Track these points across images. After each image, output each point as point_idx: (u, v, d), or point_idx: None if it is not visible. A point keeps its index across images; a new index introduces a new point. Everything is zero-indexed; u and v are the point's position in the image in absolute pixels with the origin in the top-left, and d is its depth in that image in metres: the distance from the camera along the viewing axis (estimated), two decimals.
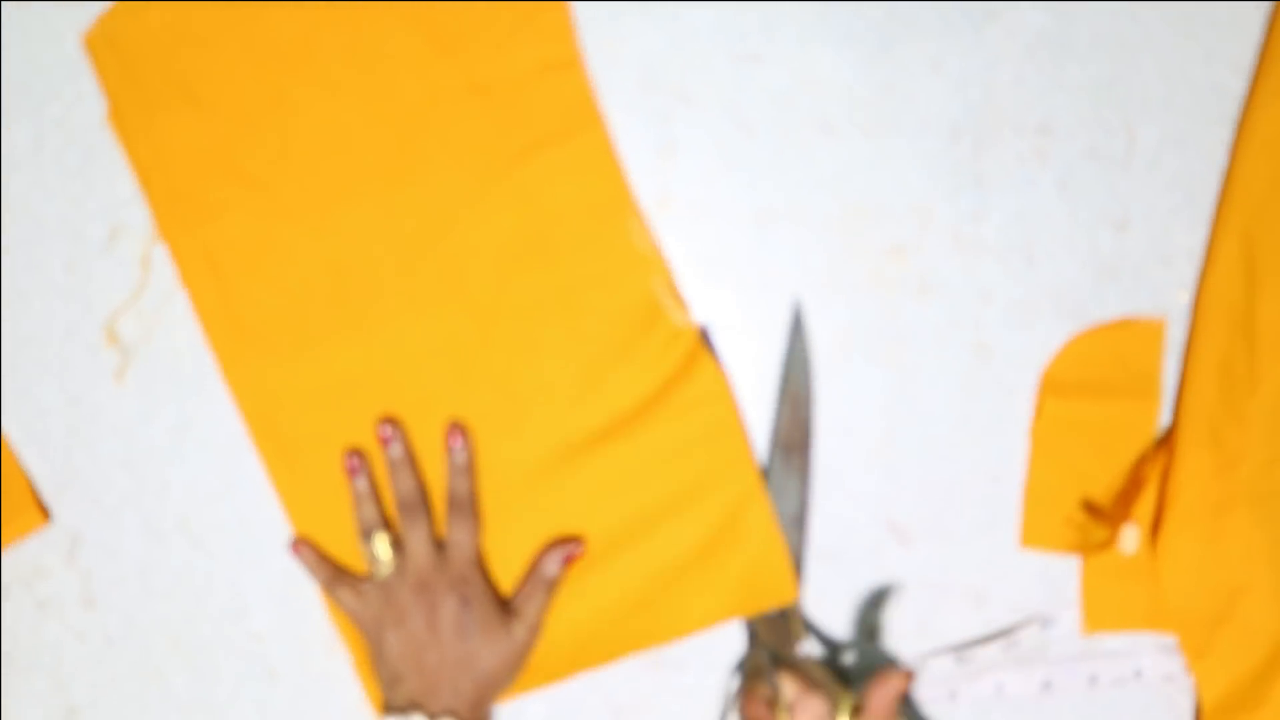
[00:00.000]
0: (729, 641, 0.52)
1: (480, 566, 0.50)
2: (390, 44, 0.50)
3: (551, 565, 0.49)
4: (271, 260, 0.51)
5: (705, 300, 0.52)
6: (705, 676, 0.53)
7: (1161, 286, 0.52)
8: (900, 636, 0.52)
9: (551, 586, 0.50)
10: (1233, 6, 0.52)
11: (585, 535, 0.51)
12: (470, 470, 0.50)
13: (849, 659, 0.52)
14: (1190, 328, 0.52)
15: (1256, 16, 0.52)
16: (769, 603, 0.50)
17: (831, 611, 0.52)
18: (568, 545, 0.50)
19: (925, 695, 0.52)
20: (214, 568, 0.52)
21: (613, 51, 0.51)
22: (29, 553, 0.52)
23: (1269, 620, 0.51)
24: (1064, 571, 0.52)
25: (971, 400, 0.52)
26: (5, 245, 0.51)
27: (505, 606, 0.50)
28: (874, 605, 0.53)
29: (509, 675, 0.49)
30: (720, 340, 0.52)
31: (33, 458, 0.51)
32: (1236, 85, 0.52)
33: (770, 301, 0.52)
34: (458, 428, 0.50)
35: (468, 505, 0.49)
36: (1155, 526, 0.51)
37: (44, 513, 0.51)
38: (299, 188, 0.51)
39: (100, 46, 0.50)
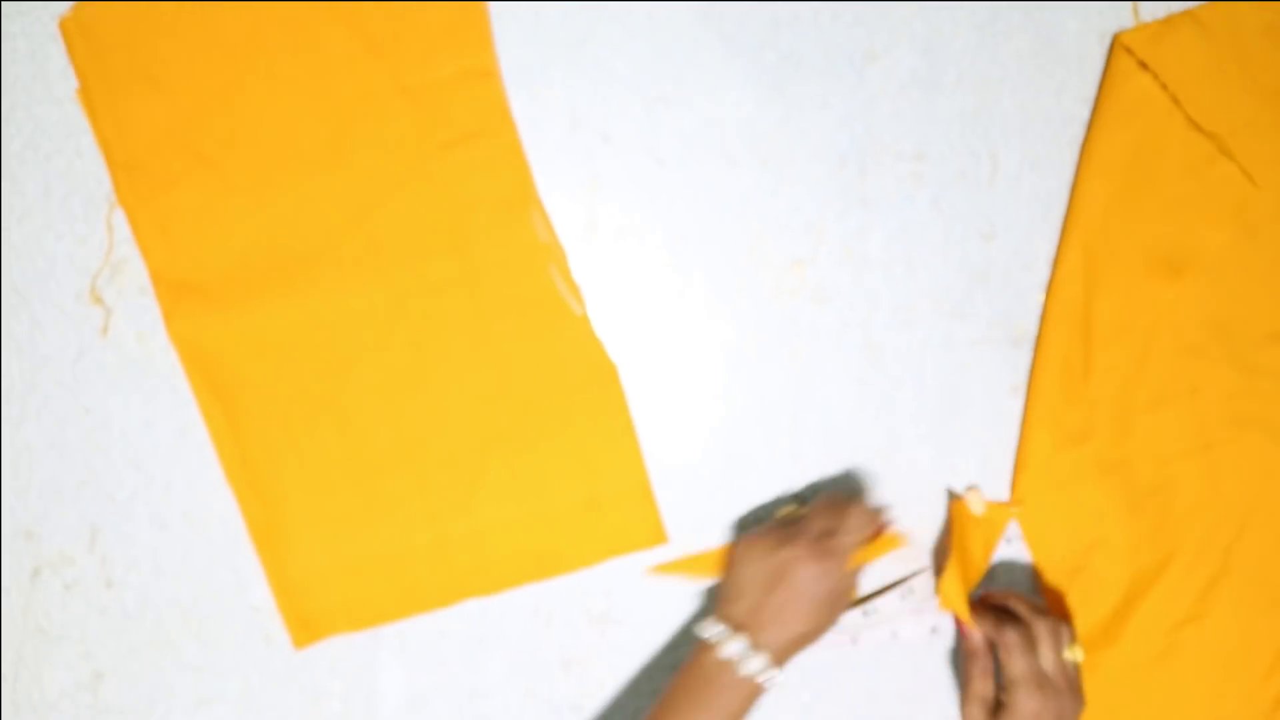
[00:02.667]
0: (667, 600, 0.59)
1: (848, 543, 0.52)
2: (330, 44, 0.56)
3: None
4: (215, 228, 0.56)
5: (628, 312, 0.59)
6: (645, 631, 0.60)
7: (1024, 289, 0.59)
8: None
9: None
10: (1080, 48, 0.58)
11: (485, 485, 0.57)
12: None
13: None
14: (1039, 325, 0.59)
15: (1099, 56, 0.58)
16: (640, 546, 0.58)
17: None
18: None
19: (830, 641, 0.60)
20: (215, 551, 0.59)
21: (543, 97, 0.58)
22: (56, 543, 0.59)
23: (1118, 571, 0.59)
24: (943, 531, 0.60)
25: (863, 390, 0.60)
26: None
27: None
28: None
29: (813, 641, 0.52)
30: (640, 346, 0.59)
31: (54, 462, 0.59)
32: (1083, 115, 0.59)
33: (685, 311, 0.59)
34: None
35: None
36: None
37: None
38: (243, 165, 0.56)
39: (73, 31, 0.57)
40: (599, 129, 0.58)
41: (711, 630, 0.51)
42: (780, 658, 0.50)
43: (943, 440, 0.60)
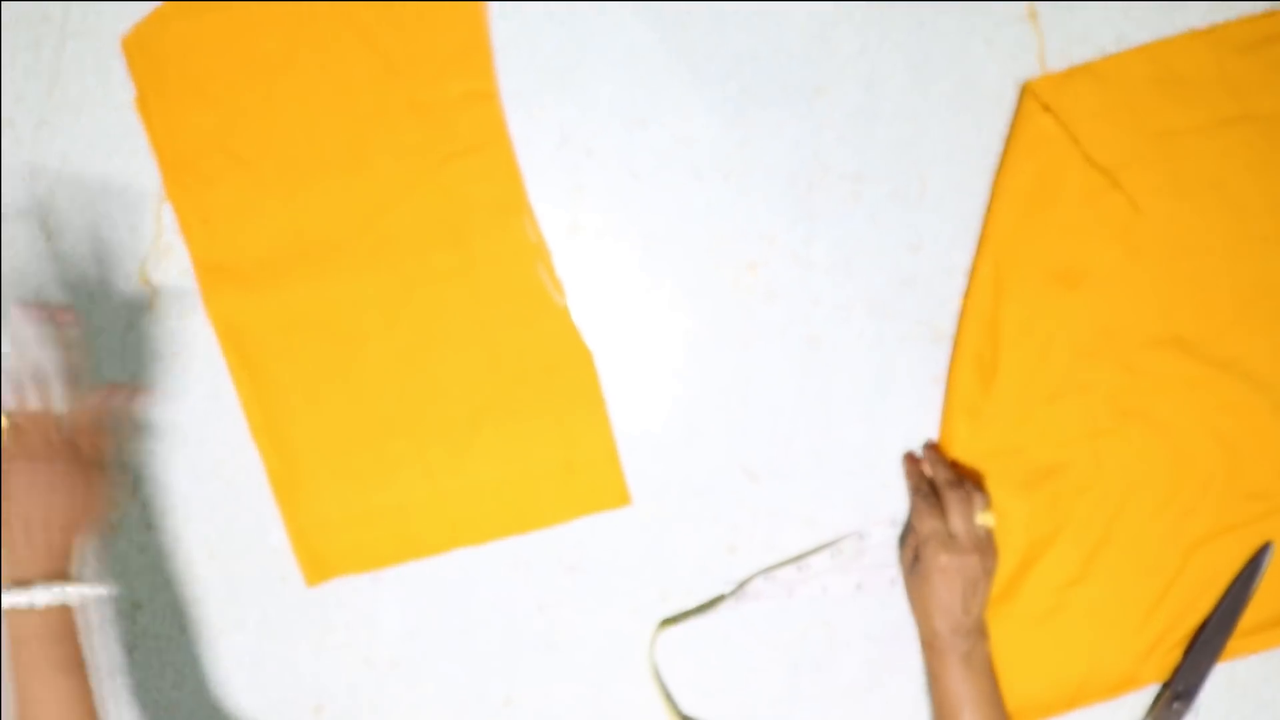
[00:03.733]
0: (628, 555, 0.67)
1: (65, 433, 0.53)
2: (352, 63, 0.64)
3: (105, 401, 0.55)
4: (248, 221, 0.64)
5: (604, 303, 0.67)
6: (609, 580, 0.67)
7: (945, 295, 0.67)
8: (750, 552, 0.68)
9: (103, 427, 0.55)
10: (996, 91, 0.66)
11: (475, 448, 0.64)
12: (75, 347, 0.55)
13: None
14: (957, 325, 0.67)
15: (1011, 99, 0.66)
16: (607, 507, 0.66)
17: (702, 530, 0.67)
18: (120, 390, 0.57)
19: (768, 592, 0.68)
20: (240, 499, 0.67)
21: (536, 116, 0.66)
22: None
23: (1016, 539, 0.67)
24: (874, 499, 0.67)
25: (805, 378, 0.67)
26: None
27: (78, 459, 0.52)
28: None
29: (90, 522, 0.52)
30: (614, 333, 0.67)
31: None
32: (998, 148, 0.66)
33: (654, 303, 0.67)
34: (70, 310, 0.56)
35: (65, 376, 0.54)
36: None
37: None
38: (274, 167, 0.64)
39: (133, 49, 0.64)
40: (584, 145, 0.66)
41: None
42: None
43: (873, 421, 0.68)
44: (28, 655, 0.49)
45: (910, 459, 0.67)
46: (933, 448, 0.67)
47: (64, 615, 0.50)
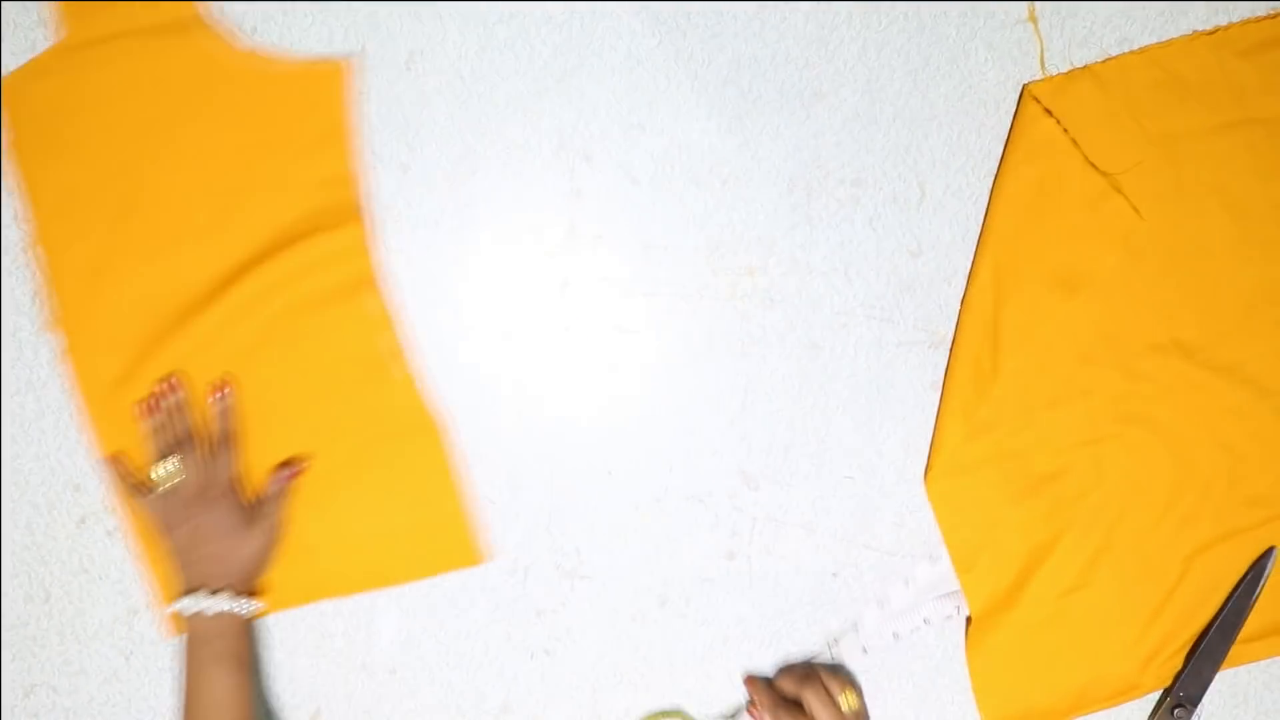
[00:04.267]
0: (627, 559, 0.67)
1: (235, 485, 0.64)
2: (221, 136, 0.65)
3: (279, 481, 0.65)
4: (110, 278, 0.65)
5: (602, 309, 0.67)
6: (608, 585, 0.67)
7: (944, 300, 0.67)
8: (749, 557, 0.68)
9: (281, 496, 0.65)
10: (997, 95, 0.66)
11: (334, 507, 0.66)
12: (231, 414, 0.65)
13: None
14: (955, 331, 0.67)
15: (1012, 103, 0.66)
16: (460, 566, 0.67)
17: (700, 537, 0.67)
18: (290, 467, 0.65)
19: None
20: None
21: (534, 122, 0.66)
22: (99, 495, 0.67)
23: (1016, 545, 0.67)
24: (870, 506, 0.67)
25: (803, 382, 0.67)
26: None
27: (253, 512, 0.64)
28: None
29: (263, 559, 0.64)
30: (612, 338, 0.67)
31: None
32: (998, 152, 0.66)
33: (653, 309, 0.67)
34: (225, 383, 0.65)
35: (229, 440, 0.65)
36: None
37: None
38: (139, 228, 0.65)
39: (11, 92, 0.65)
40: (582, 150, 0.66)
41: None
42: None
43: (870, 427, 0.68)
44: (200, 651, 0.61)
45: (751, 680, 0.67)
46: (762, 678, 0.67)
47: (234, 620, 0.62)
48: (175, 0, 0.65)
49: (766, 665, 0.69)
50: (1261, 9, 0.66)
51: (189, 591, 0.62)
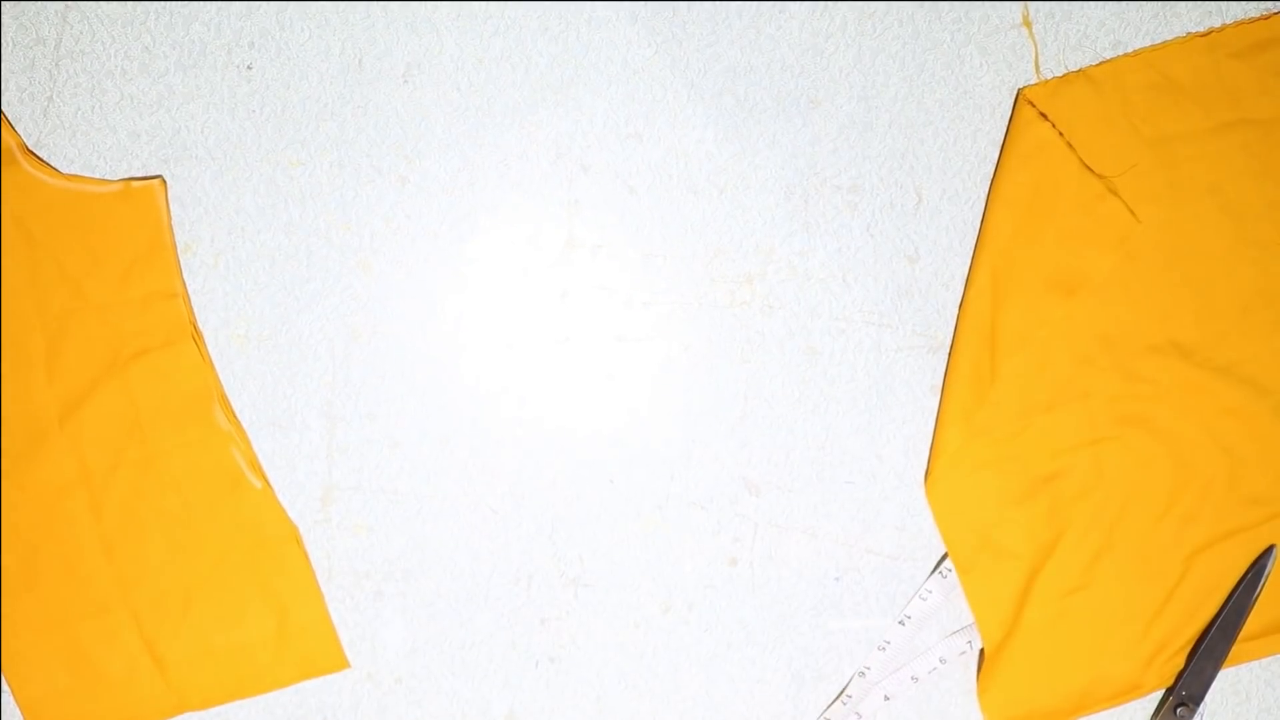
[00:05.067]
0: (633, 567, 0.68)
1: None
2: (41, 270, 0.66)
3: None
4: None
5: (602, 318, 0.67)
6: (613, 593, 0.67)
7: (942, 304, 0.67)
8: (751, 563, 0.68)
9: None
10: (992, 99, 0.67)
11: (190, 619, 0.66)
12: None
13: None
14: (954, 335, 0.68)
15: (1007, 107, 0.66)
16: (325, 672, 0.68)
17: (703, 544, 0.68)
18: None
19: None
20: None
21: (531, 132, 0.66)
22: None
23: (1017, 546, 0.67)
24: (871, 510, 0.68)
25: (803, 388, 0.68)
26: None
27: None
28: None
29: None
30: (611, 347, 0.67)
31: None
32: (994, 156, 0.66)
33: (651, 317, 0.67)
34: None
35: None
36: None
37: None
38: None
39: None
40: (579, 160, 0.67)
41: None
42: None
43: (871, 431, 0.68)
44: None
45: None
46: None
47: None
48: None
49: (769, 669, 0.69)
50: (1255, 10, 0.66)
51: None
